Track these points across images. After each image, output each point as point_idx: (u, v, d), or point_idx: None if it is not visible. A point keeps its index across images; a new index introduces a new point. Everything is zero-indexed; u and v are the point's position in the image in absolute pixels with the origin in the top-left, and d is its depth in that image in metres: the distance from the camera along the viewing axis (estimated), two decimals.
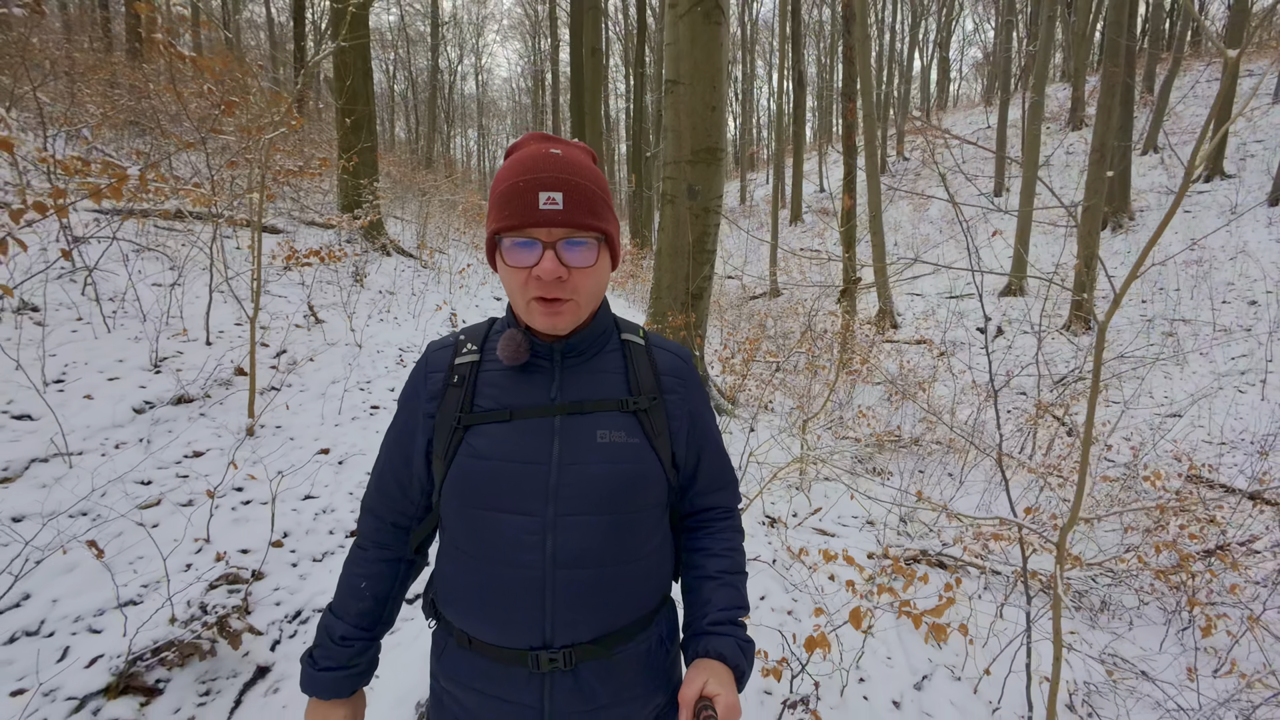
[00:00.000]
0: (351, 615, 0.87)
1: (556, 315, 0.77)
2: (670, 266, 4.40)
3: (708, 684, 0.75)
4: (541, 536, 0.76)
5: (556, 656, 0.76)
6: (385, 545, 0.89)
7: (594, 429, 0.80)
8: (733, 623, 0.85)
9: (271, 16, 21.27)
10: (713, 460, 0.93)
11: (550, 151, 0.76)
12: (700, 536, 0.93)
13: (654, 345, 0.91)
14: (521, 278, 0.75)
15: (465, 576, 0.80)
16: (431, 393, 0.84)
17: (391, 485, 0.88)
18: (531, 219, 0.72)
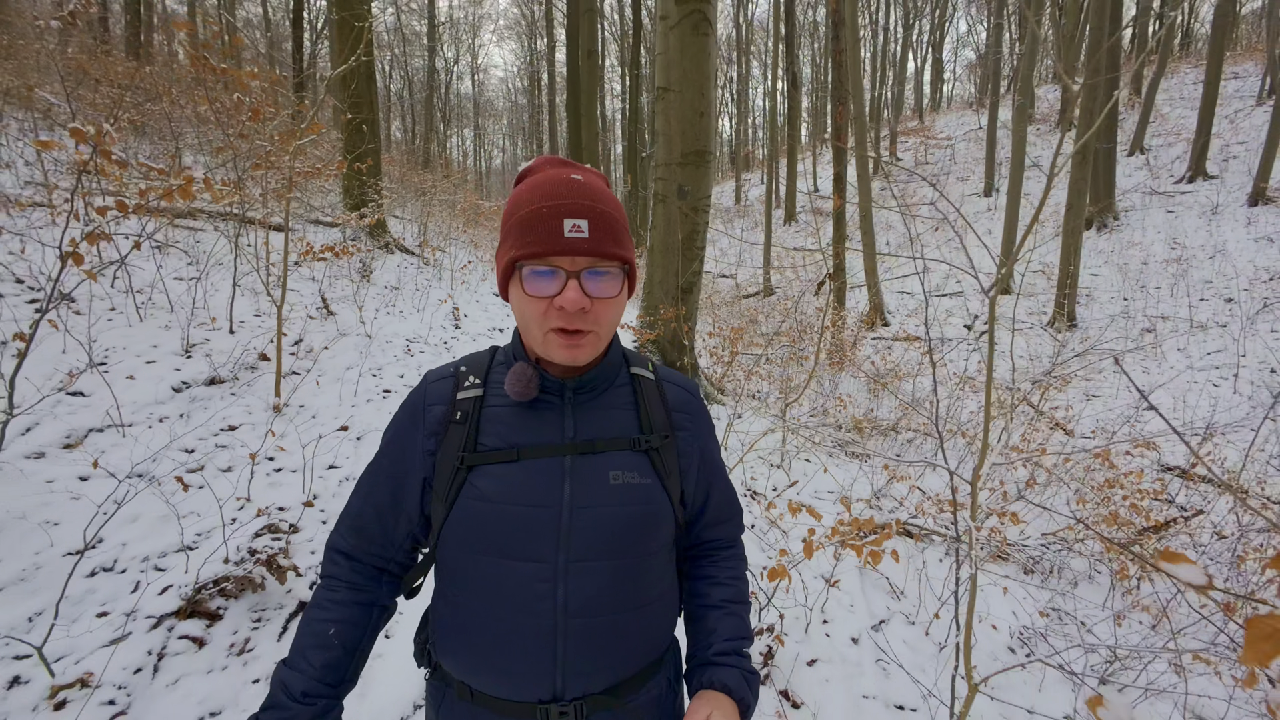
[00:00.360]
0: (316, 667, 0.77)
1: (577, 348, 0.74)
2: (662, 262, 4.73)
3: (711, 716, 0.74)
4: (552, 584, 0.73)
5: (567, 710, 0.73)
6: (360, 587, 0.82)
7: (606, 469, 0.77)
8: (738, 653, 0.83)
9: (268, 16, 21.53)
10: (720, 493, 0.92)
11: (571, 177, 0.74)
12: (704, 565, 0.92)
13: (664, 380, 0.89)
14: (541, 308, 0.72)
15: (468, 626, 0.76)
16: (431, 429, 0.79)
17: (373, 526, 0.82)
18: (556, 246, 0.69)
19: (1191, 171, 14.08)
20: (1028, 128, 19.75)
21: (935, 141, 20.46)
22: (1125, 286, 11.30)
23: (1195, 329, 9.81)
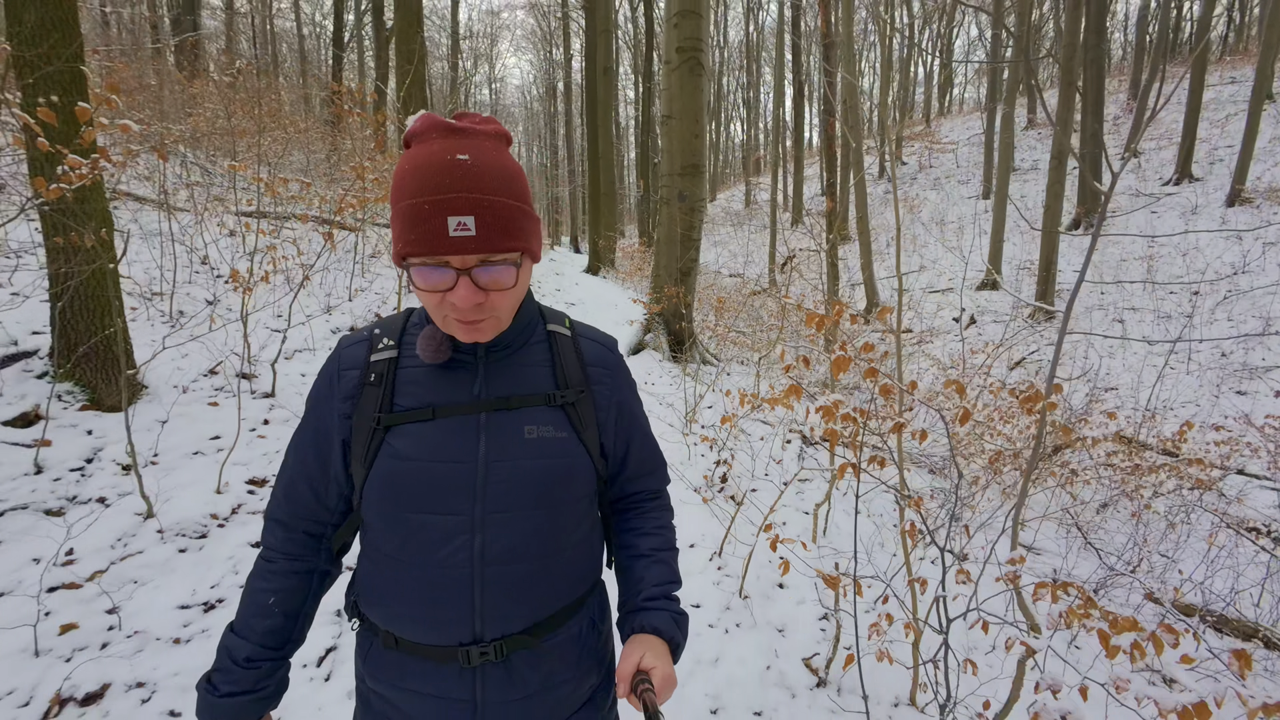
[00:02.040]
0: (258, 634, 0.84)
1: (477, 331, 0.77)
2: (666, 252, 6.21)
3: (644, 658, 0.80)
4: (470, 536, 0.78)
5: (488, 650, 0.78)
6: (296, 556, 0.87)
7: (521, 425, 0.81)
8: (666, 597, 0.90)
9: (301, 33, 23.49)
10: (641, 446, 0.98)
11: (456, 159, 0.70)
12: (631, 518, 0.99)
13: (580, 335, 0.93)
14: (435, 299, 0.74)
15: (390, 578, 0.81)
16: (346, 392, 0.82)
17: (304, 491, 0.86)
18: (441, 246, 0.69)
19: (1178, 174, 15.30)
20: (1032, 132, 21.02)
21: (939, 146, 21.79)
22: (1102, 281, 12.55)
23: (1161, 318, 11.05)
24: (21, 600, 1.97)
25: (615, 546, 0.98)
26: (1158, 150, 16.81)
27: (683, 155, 5.98)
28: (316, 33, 26.56)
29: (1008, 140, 13.41)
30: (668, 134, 6.03)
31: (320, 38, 26.74)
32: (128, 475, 2.63)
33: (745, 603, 2.68)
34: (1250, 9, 25.94)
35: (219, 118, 5.90)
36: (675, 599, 0.91)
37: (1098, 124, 14.85)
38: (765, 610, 2.67)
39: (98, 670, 1.86)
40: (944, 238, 15.99)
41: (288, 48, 24.58)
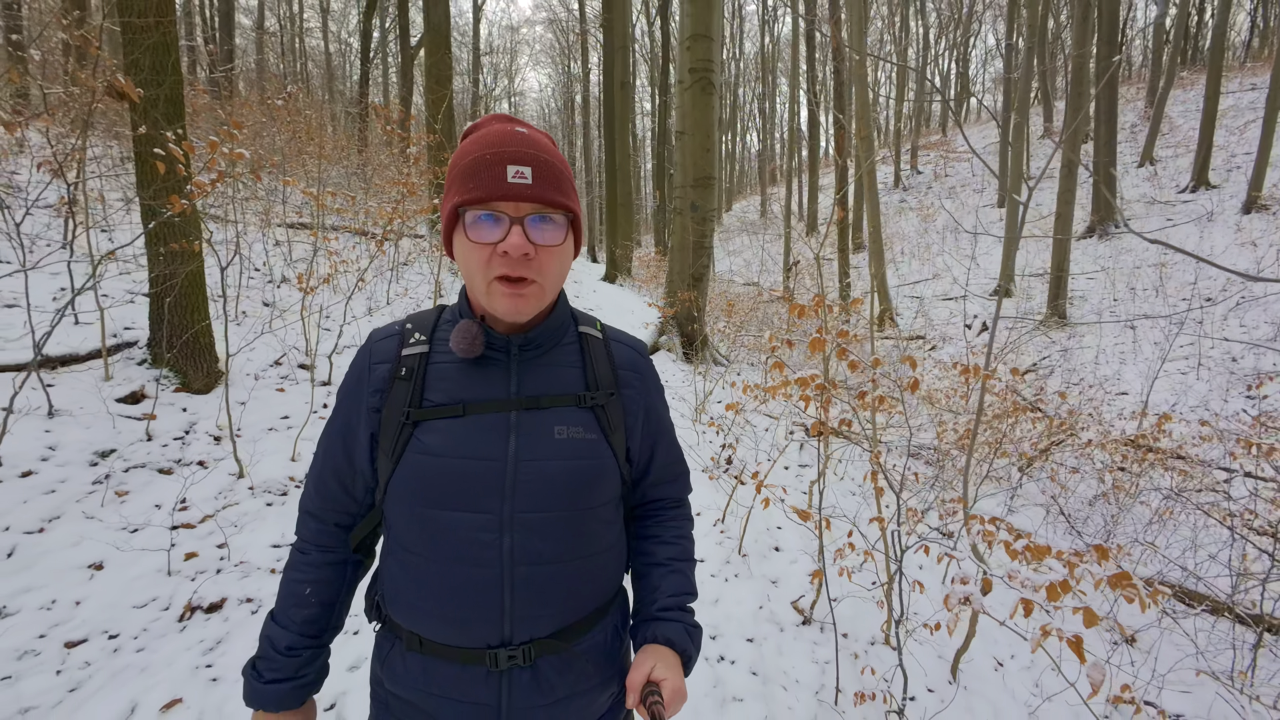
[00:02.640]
0: (297, 623, 0.87)
1: (520, 298, 0.78)
2: (680, 259, 6.68)
3: (655, 668, 0.81)
4: (498, 534, 0.78)
5: (515, 653, 0.78)
6: (329, 548, 0.90)
7: (552, 424, 0.82)
8: (681, 609, 0.90)
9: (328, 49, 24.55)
10: (666, 452, 0.99)
11: (516, 130, 0.78)
12: (650, 525, 0.99)
13: (611, 339, 0.95)
14: (485, 255, 0.75)
15: (416, 577, 0.81)
16: (376, 385, 0.84)
17: (333, 484, 0.88)
18: (498, 191, 0.73)
19: (1194, 181, 15.47)
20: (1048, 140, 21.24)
21: (955, 155, 22.10)
22: (1115, 289, 12.77)
23: (1173, 325, 11.25)
24: (153, 534, 2.48)
25: (633, 552, 0.99)
26: (1174, 158, 16.97)
27: (695, 169, 6.46)
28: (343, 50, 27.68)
29: (1018, 149, 13.71)
30: (681, 149, 6.53)
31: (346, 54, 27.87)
32: (218, 444, 3.14)
33: (744, 559, 3.11)
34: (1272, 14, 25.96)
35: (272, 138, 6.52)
36: (690, 610, 0.91)
37: (1111, 132, 15.11)
38: (761, 566, 3.10)
39: (216, 587, 2.35)
40: (957, 246, 16.28)
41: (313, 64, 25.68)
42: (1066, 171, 12.14)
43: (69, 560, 2.28)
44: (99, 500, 2.58)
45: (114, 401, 3.11)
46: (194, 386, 3.47)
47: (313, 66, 25.69)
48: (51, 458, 2.67)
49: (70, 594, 2.17)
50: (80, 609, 2.12)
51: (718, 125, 6.63)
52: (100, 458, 2.78)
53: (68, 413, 2.92)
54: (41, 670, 1.91)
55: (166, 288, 3.31)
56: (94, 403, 3.04)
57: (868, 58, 9.83)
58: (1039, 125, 21.81)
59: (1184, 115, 19.26)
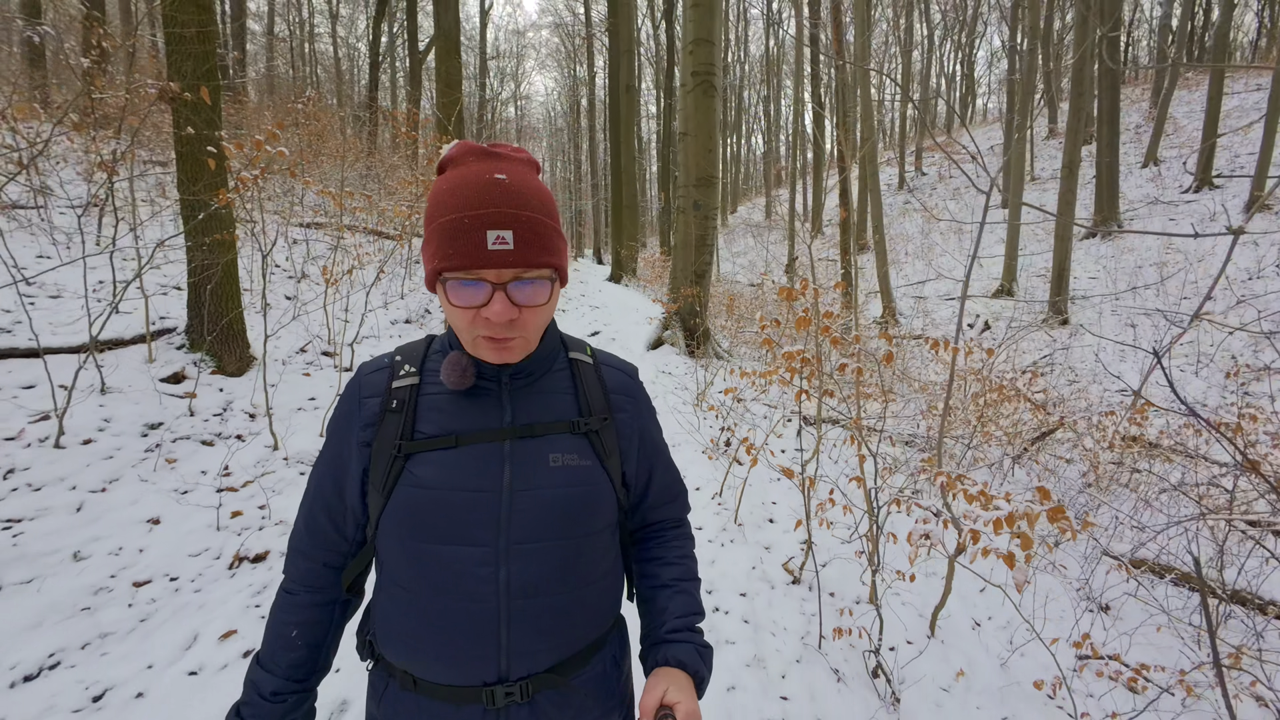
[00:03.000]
0: (283, 667, 0.85)
1: (506, 349, 0.78)
2: (682, 255, 6.95)
3: (668, 692, 0.80)
4: (494, 568, 0.77)
5: (513, 690, 0.78)
6: (317, 588, 0.88)
7: (546, 452, 0.82)
8: (690, 629, 0.90)
9: (337, 55, 25.02)
10: (663, 474, 0.99)
11: (495, 178, 0.74)
12: (652, 546, 0.99)
13: (602, 364, 0.95)
14: (468, 317, 0.75)
15: (410, 614, 0.79)
16: (367, 419, 0.83)
17: (323, 521, 0.87)
18: (479, 260, 0.71)
19: (1198, 182, 15.62)
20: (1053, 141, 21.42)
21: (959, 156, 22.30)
22: (1116, 288, 12.96)
23: (1173, 320, 11.43)
24: (202, 495, 2.76)
25: (636, 576, 0.98)
26: (1178, 158, 17.13)
27: (697, 169, 6.73)
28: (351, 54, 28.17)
29: (1020, 150, 13.92)
30: (684, 149, 6.80)
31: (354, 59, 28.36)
32: (253, 421, 3.43)
33: (739, 528, 3.37)
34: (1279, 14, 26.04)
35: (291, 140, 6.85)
36: (699, 631, 0.91)
37: (1113, 133, 15.30)
38: (755, 535, 3.35)
39: (259, 541, 2.62)
40: (960, 246, 16.49)
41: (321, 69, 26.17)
42: (1068, 172, 12.35)
43: (130, 515, 2.56)
44: (151, 465, 2.86)
45: (158, 381, 3.40)
46: (228, 369, 3.76)
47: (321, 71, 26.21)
48: (107, 429, 2.96)
49: (134, 543, 2.45)
50: (143, 555, 2.40)
51: (720, 127, 6.90)
52: (150, 429, 3.07)
53: (119, 390, 3.21)
54: (115, 604, 2.19)
55: (204, 277, 3.60)
56: (141, 382, 3.33)
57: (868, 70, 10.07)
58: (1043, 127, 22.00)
59: (1189, 116, 19.41)
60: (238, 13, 15.64)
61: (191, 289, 3.70)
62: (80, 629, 2.06)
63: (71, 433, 2.83)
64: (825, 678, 2.38)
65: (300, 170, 6.81)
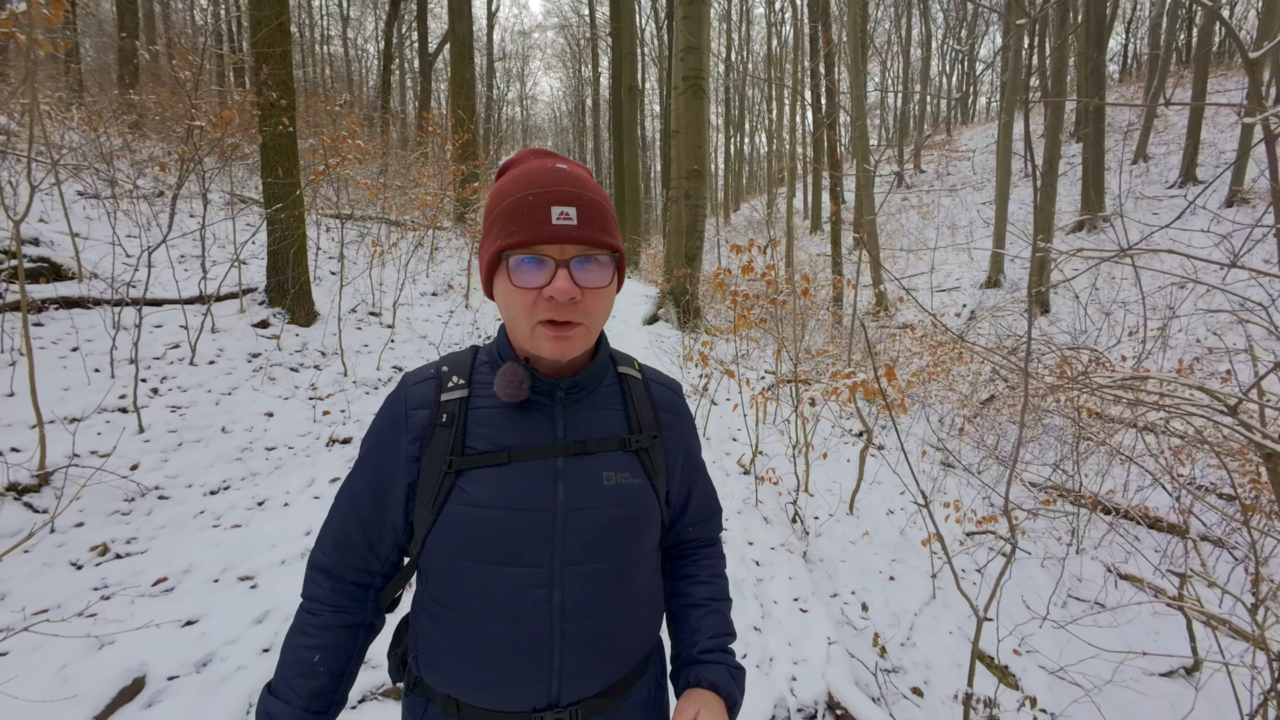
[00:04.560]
0: (302, 696, 0.82)
1: (565, 340, 0.76)
2: (675, 241, 7.96)
3: (700, 715, 0.80)
4: (548, 590, 0.77)
5: (563, 716, 0.77)
6: (344, 609, 0.85)
7: (599, 470, 0.82)
8: (722, 650, 0.90)
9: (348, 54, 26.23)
10: (702, 492, 0.99)
11: (556, 167, 0.78)
12: (685, 565, 0.99)
13: (650, 380, 0.95)
14: (530, 299, 0.74)
15: (456, 636, 0.79)
16: (415, 433, 0.81)
17: (357, 540, 0.85)
18: (543, 235, 0.72)
19: (1182, 178, 16.53)
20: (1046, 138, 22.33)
21: (957, 154, 23.26)
22: (1095, 278, 13.87)
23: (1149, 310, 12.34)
24: (298, 401, 3.79)
25: (668, 594, 0.98)
26: (1166, 155, 18.06)
27: (688, 162, 7.75)
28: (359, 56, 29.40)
29: (1006, 147, 14.90)
30: (676, 145, 7.83)
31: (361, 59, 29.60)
32: (325, 357, 4.47)
33: (707, 441, 4.37)
34: None
35: None
36: (731, 652, 0.92)
37: (1099, 130, 16.23)
38: (721, 446, 4.36)
39: (344, 430, 3.65)
40: (954, 240, 17.44)
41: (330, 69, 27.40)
42: (1048, 167, 13.30)
43: (252, 409, 3.60)
44: (259, 380, 3.90)
45: (250, 326, 4.44)
46: (300, 321, 4.79)
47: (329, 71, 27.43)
48: (222, 356, 4.00)
49: (259, 426, 3.48)
50: (267, 433, 3.44)
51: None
52: (253, 357, 4.11)
53: (225, 331, 4.25)
54: (256, 458, 3.22)
55: (282, 247, 4.64)
56: (239, 326, 4.38)
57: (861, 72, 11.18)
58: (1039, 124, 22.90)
59: (1180, 113, 20.29)
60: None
61: (271, 257, 4.74)
62: (238, 470, 3.09)
63: (199, 357, 3.87)
64: (758, 521, 3.39)
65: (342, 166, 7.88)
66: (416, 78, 26.58)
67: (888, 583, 3.24)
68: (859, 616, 2.89)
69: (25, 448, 2.74)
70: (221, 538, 2.64)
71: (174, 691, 1.89)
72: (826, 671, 2.27)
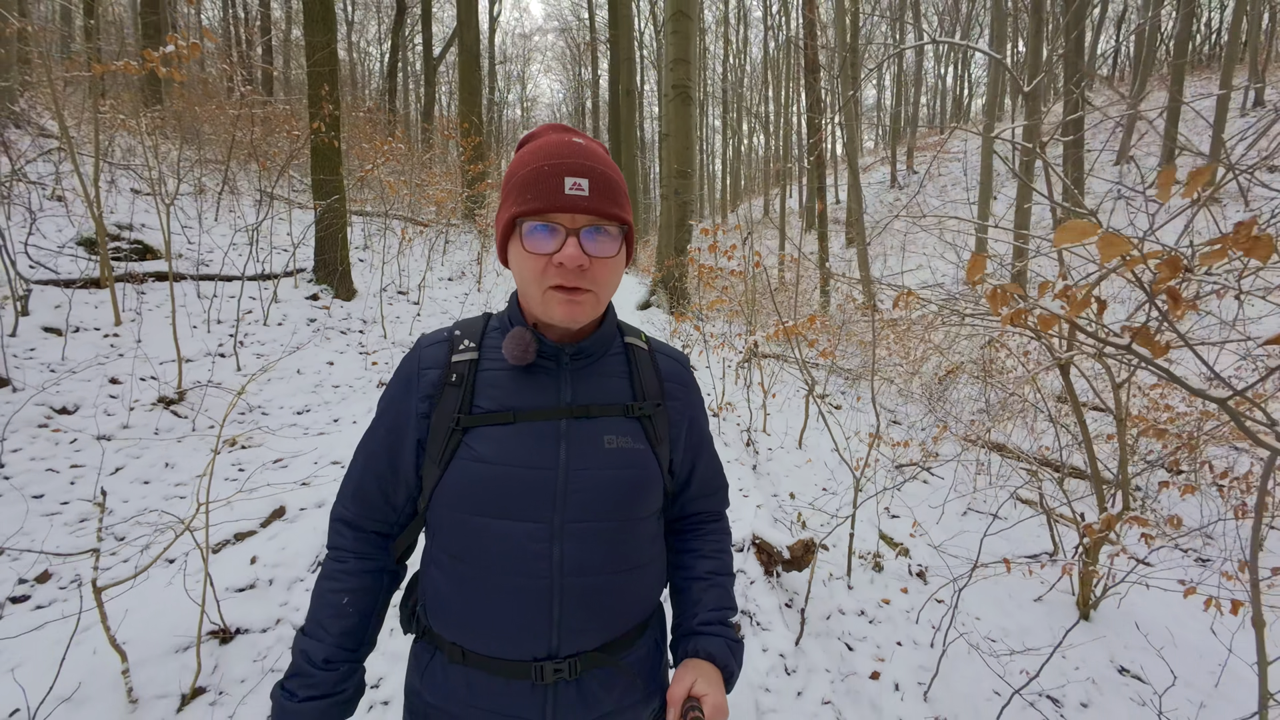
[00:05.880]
0: (334, 635, 0.88)
1: (575, 305, 0.81)
2: (666, 234, 8.99)
3: (695, 684, 0.85)
4: (549, 544, 0.82)
5: (562, 666, 0.82)
6: (368, 555, 0.92)
7: (601, 434, 0.87)
8: (722, 623, 0.94)
9: (352, 57, 27.39)
10: (707, 465, 1.03)
11: (573, 140, 0.83)
12: (689, 539, 1.03)
13: (657, 351, 0.99)
14: (540, 265, 0.79)
15: (463, 587, 0.84)
16: (426, 391, 0.87)
17: (374, 492, 0.91)
18: (556, 203, 0.77)
19: None
20: None
21: (949, 156, 24.31)
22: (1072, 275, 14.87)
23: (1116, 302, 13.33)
24: (351, 354, 4.80)
25: (671, 567, 1.03)
26: (1145, 157, 19.10)
27: (677, 163, 8.77)
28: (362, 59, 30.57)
29: (988, 148, 15.94)
30: (667, 148, 8.85)
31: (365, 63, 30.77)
32: (366, 325, 5.48)
33: None
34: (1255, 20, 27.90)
35: None
36: (731, 625, 0.95)
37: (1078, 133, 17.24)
38: None
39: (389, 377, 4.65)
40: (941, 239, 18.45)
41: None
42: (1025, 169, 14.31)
43: (317, 360, 4.61)
44: (319, 339, 4.93)
45: (304, 299, 5.46)
46: (342, 297, 5.81)
47: None
48: (286, 320, 5.02)
49: (324, 370, 4.51)
50: (331, 376, 4.46)
51: (696, 129, 8.91)
52: (310, 321, 5.14)
53: (284, 301, 5.27)
54: (327, 392, 4.24)
55: (330, 234, 5.65)
56: (295, 298, 5.40)
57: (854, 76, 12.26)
58: None
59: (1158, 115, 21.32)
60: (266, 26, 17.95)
61: (318, 242, 5.76)
62: (315, 399, 4.11)
63: (270, 320, 4.88)
64: (718, 444, 4.37)
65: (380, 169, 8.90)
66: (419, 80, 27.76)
67: (820, 493, 4.22)
68: (788, 502, 3.88)
69: (159, 377, 3.74)
70: (313, 440, 3.64)
71: (304, 516, 2.88)
72: (754, 523, 3.25)
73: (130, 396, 3.52)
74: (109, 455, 3.13)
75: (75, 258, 4.49)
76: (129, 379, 3.64)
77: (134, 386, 3.59)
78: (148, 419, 3.43)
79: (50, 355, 3.61)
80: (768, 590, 2.88)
